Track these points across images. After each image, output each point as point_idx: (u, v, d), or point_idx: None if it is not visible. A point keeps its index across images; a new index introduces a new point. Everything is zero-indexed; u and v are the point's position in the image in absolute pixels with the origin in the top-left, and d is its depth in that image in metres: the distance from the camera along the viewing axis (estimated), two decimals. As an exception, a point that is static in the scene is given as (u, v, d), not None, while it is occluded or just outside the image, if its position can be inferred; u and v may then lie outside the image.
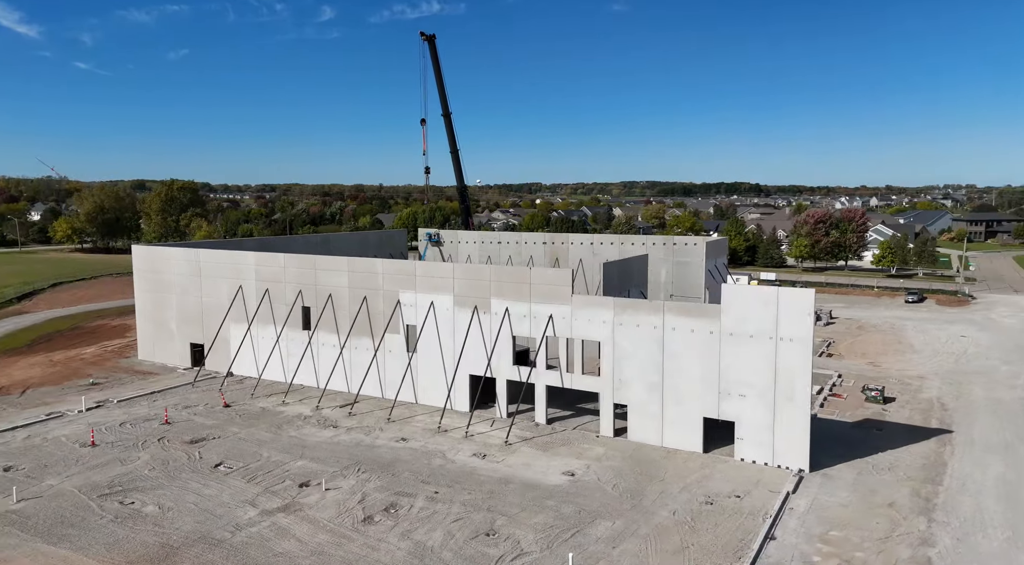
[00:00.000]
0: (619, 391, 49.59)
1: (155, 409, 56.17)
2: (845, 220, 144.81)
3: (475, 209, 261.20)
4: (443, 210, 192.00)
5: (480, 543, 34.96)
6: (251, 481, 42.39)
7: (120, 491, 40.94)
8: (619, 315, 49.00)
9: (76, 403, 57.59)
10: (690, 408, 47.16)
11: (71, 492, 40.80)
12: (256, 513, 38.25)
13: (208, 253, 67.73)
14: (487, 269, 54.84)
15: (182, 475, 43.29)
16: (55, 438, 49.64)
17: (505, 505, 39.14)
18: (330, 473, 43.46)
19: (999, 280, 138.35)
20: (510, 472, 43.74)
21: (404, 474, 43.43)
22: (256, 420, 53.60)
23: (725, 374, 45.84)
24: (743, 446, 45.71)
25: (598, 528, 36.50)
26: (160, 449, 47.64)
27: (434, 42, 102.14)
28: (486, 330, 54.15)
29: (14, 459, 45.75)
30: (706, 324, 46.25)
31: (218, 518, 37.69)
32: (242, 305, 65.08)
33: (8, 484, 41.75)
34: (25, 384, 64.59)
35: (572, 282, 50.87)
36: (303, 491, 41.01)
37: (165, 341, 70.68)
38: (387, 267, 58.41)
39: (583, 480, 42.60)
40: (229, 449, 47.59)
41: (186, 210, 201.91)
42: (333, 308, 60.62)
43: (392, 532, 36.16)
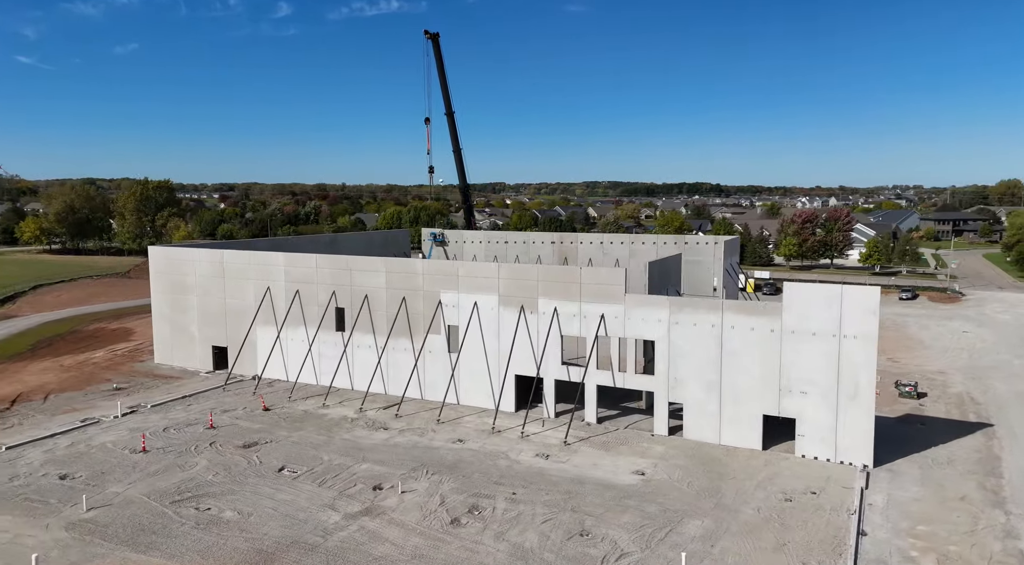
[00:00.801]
0: (674, 390, 49.84)
1: (192, 413, 54.92)
2: (831, 220, 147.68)
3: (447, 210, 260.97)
4: (428, 210, 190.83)
5: (577, 544, 34.85)
6: (322, 485, 41.67)
7: (191, 497, 39.94)
8: (675, 314, 49.25)
9: (107, 408, 56.07)
10: (749, 406, 47.58)
11: (140, 499, 39.70)
12: (340, 517, 37.63)
13: (233, 254, 66.42)
14: (534, 269, 54.70)
15: (248, 480, 42.38)
16: (100, 444, 48.24)
17: (587, 505, 39.06)
18: (399, 475, 42.92)
19: (979, 277, 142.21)
20: (580, 472, 43.67)
21: (474, 475, 43.10)
22: (301, 423, 52.72)
23: (786, 372, 46.35)
24: (804, 443, 46.28)
25: (688, 527, 36.64)
26: (216, 454, 46.60)
27: (438, 41, 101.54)
28: (533, 330, 53.99)
29: (66, 467, 44.35)
30: (766, 322, 46.72)
31: (303, 523, 37.00)
32: (270, 307, 63.93)
33: (69, 492, 40.51)
34: (44, 390, 62.65)
35: (625, 282, 50.97)
36: (379, 494, 40.46)
37: (184, 344, 69.10)
38: (428, 267, 57.91)
39: (655, 479, 42.72)
40: (287, 453, 46.73)
41: (161, 210, 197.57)
42: (369, 309, 59.89)
43: (484, 534, 35.86)
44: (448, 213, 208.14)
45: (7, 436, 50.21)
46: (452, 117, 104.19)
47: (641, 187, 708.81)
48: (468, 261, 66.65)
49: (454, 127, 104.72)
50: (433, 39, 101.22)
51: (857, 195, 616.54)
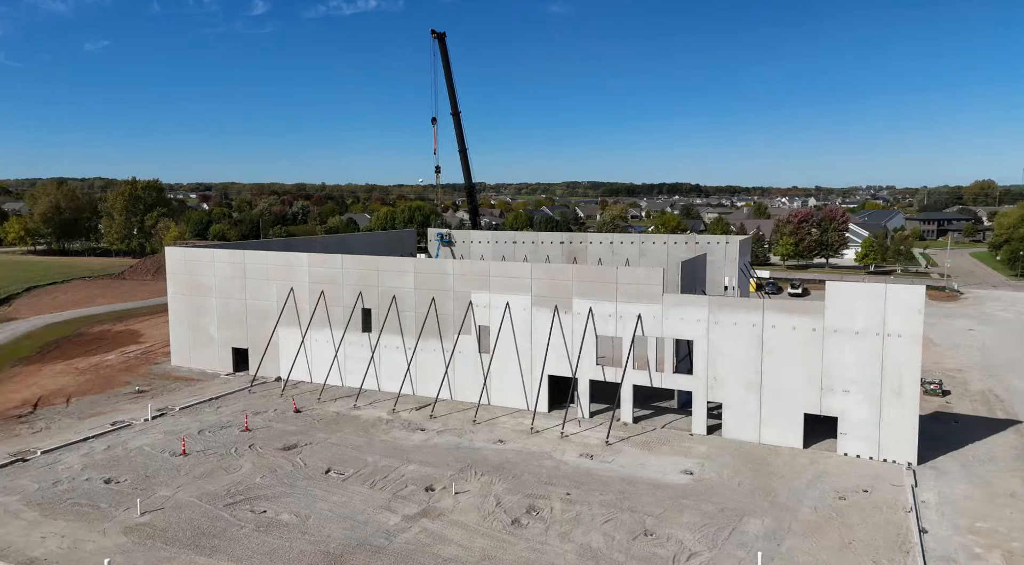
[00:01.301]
0: (713, 389, 50.02)
1: (223, 416, 54.29)
2: (826, 219, 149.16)
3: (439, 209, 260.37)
4: (422, 210, 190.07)
5: (644, 544, 34.86)
6: (373, 487, 41.36)
7: (243, 500, 39.47)
8: (715, 313, 49.44)
9: (134, 411, 55.31)
10: (790, 405, 47.87)
11: (192, 502, 39.16)
12: (399, 519, 37.36)
13: (254, 254, 65.74)
14: (568, 269, 54.66)
15: (297, 482, 41.95)
16: (137, 448, 47.54)
17: (644, 505, 39.09)
18: (449, 477, 42.71)
19: (971, 275, 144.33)
20: (628, 472, 43.69)
21: (524, 476, 42.98)
22: (337, 425, 52.30)
23: (828, 370, 46.68)
24: (846, 441, 46.62)
25: (750, 526, 36.77)
26: (257, 456, 46.09)
27: (444, 40, 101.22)
28: (567, 330, 53.95)
29: (108, 470, 43.65)
30: (809, 321, 47.03)
31: (364, 525, 36.68)
32: (293, 308, 63.36)
33: (118, 496, 39.88)
34: (63, 393, 61.64)
35: (664, 281, 51.09)
36: (432, 495, 40.23)
37: (203, 346, 68.28)
38: (458, 268, 57.68)
39: (705, 478, 42.85)
40: (329, 455, 46.32)
41: (150, 210, 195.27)
42: (397, 310, 59.54)
43: (548, 534, 35.77)
44: (441, 213, 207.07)
45: (38, 440, 49.34)
46: (458, 117, 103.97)
47: (622, 187, 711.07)
48: (500, 261, 66.35)
49: (460, 127, 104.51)
50: (440, 38, 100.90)
51: (833, 195, 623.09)
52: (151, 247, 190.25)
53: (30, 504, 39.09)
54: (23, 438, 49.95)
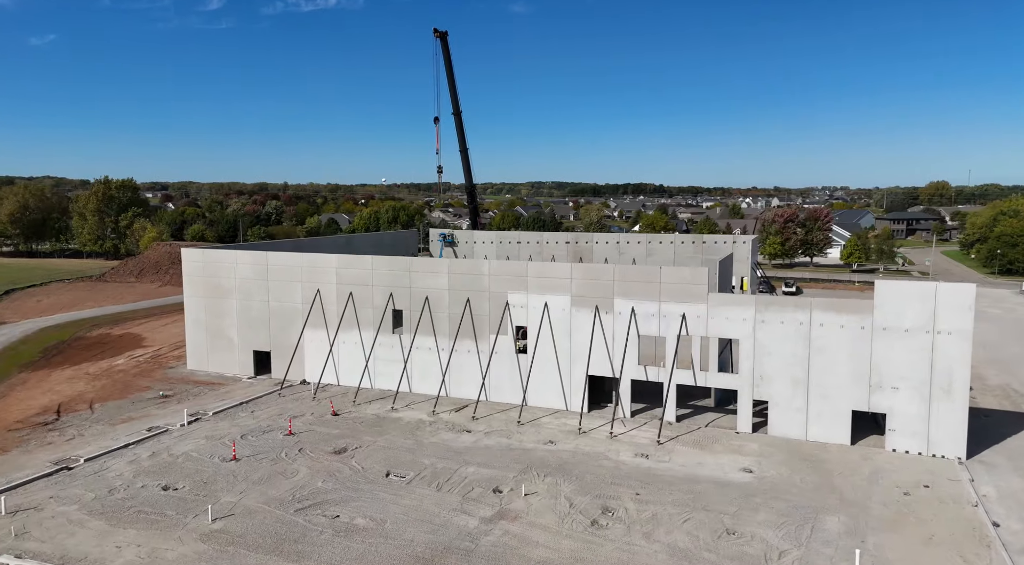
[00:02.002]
0: (759, 387, 50.51)
1: (261, 420, 53.32)
2: (811, 219, 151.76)
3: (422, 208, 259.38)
4: (406, 210, 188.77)
5: (730, 543, 35.02)
6: (439, 490, 40.95)
7: (312, 505, 38.78)
8: (761, 313, 49.93)
9: (164, 417, 54.08)
10: (837, 402, 48.53)
11: (260, 508, 38.38)
12: (477, 521, 37.03)
13: (278, 256, 64.68)
14: (610, 269, 54.71)
15: (361, 486, 41.36)
16: (183, 454, 46.44)
17: (716, 504, 39.29)
18: (511, 478, 42.49)
19: (949, 274, 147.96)
20: (688, 471, 43.89)
21: (587, 477, 42.90)
22: (380, 427, 51.69)
23: (877, 368, 47.42)
24: (895, 437, 47.41)
25: (828, 523, 37.15)
26: (311, 460, 45.33)
27: (446, 39, 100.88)
28: (608, 330, 54.03)
29: (161, 477, 42.57)
30: (857, 319, 47.73)
31: (443, 528, 36.30)
32: (320, 310, 62.46)
33: (181, 503, 38.92)
34: (83, 399, 59.99)
35: (709, 281, 51.45)
36: (502, 497, 39.96)
37: (222, 349, 66.94)
38: (494, 268, 57.39)
39: (766, 476, 43.23)
40: (383, 458, 45.75)
41: (125, 210, 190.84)
42: (430, 311, 59.03)
43: (631, 535, 35.75)
44: (427, 214, 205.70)
45: (75, 447, 47.95)
46: (459, 117, 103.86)
47: (587, 187, 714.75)
48: (540, 262, 66.12)
49: (461, 127, 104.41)
50: (442, 38, 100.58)
51: (792, 195, 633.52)
52: (126, 248, 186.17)
53: (92, 513, 37.96)
54: (58, 446, 48.48)
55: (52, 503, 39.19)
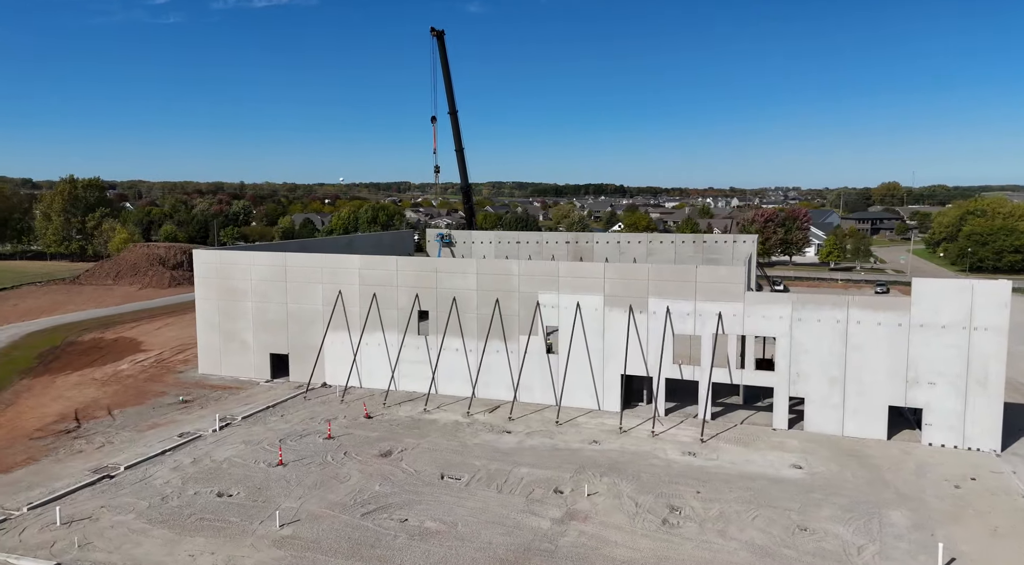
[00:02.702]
0: (795, 384, 51.22)
1: (293, 424, 52.41)
2: (790, 219, 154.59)
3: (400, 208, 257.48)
4: (386, 210, 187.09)
5: (805, 539, 35.42)
6: (500, 491, 40.73)
7: (376, 509, 38.26)
8: (798, 311, 50.65)
9: (191, 422, 52.88)
10: (874, 398, 49.46)
11: (324, 513, 37.75)
12: (548, 523, 36.91)
13: (298, 257, 63.63)
14: (644, 268, 54.97)
15: (419, 489, 40.92)
16: (226, 459, 45.44)
17: (777, 500, 39.73)
18: (568, 479, 42.44)
19: (920, 271, 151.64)
20: (740, 469, 44.30)
21: (643, 476, 43.04)
22: (419, 430, 51.20)
23: (914, 364, 48.46)
24: (931, 431, 48.48)
25: (893, 517, 37.80)
26: (360, 464, 44.70)
27: (443, 38, 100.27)
28: (642, 329, 54.28)
29: (211, 484, 41.59)
30: (894, 317, 48.72)
31: (517, 529, 36.11)
32: (342, 311, 61.62)
33: (241, 510, 38.09)
34: (98, 405, 58.31)
35: (745, 280, 52.02)
36: (565, 498, 39.87)
37: (236, 352, 65.59)
38: (525, 268, 57.24)
39: (817, 472, 43.86)
40: (433, 460, 45.32)
41: (92, 210, 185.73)
42: (457, 311, 58.65)
43: (706, 533, 35.96)
44: (405, 214, 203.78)
45: (107, 455, 46.59)
46: (455, 116, 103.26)
47: (549, 188, 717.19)
48: (568, 262, 66.00)
49: (457, 126, 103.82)
50: (439, 36, 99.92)
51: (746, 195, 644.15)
52: (94, 249, 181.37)
53: (152, 521, 36.93)
54: (89, 454, 47.05)
55: (105, 513, 38.02)
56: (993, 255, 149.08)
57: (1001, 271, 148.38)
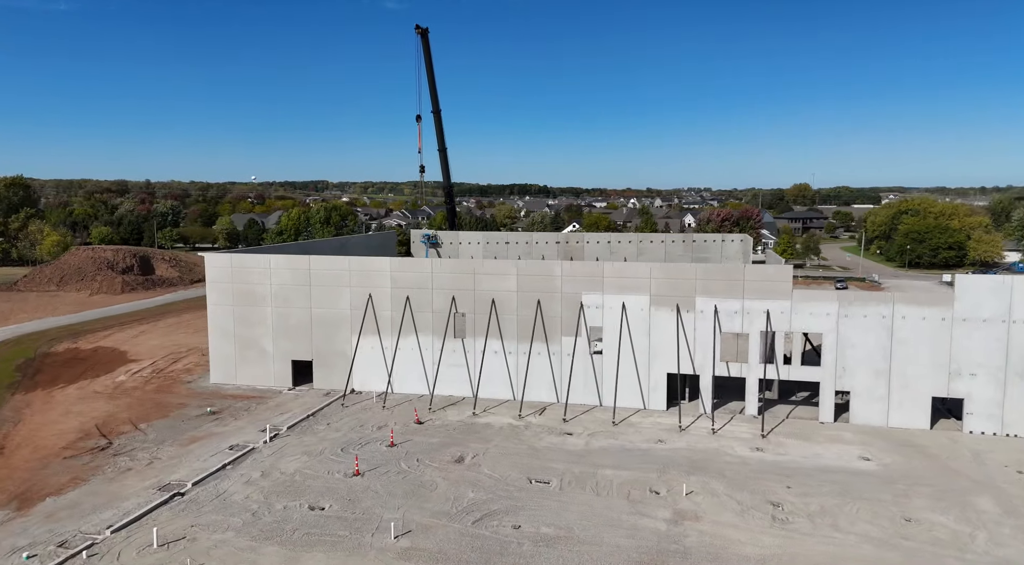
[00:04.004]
0: (841, 379, 52.83)
1: (345, 433, 50.80)
2: (744, 218, 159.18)
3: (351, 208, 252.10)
4: (339, 210, 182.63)
5: (915, 529, 36.53)
6: (598, 494, 40.53)
7: (484, 516, 37.50)
8: (844, 307, 52.26)
9: (233, 434, 50.75)
10: (918, 389, 51.50)
11: (433, 522, 36.81)
12: (664, 524, 36.97)
13: (322, 260, 61.61)
14: (692, 268, 55.59)
15: (513, 494, 40.31)
16: (296, 471, 43.69)
17: (868, 492, 40.82)
18: (656, 479, 42.59)
19: (863, 268, 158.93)
20: (814, 463, 45.36)
21: (727, 473, 43.54)
22: (478, 434, 50.42)
23: (956, 356, 50.70)
24: (972, 420, 50.82)
25: (981, 504, 39.33)
26: (438, 471, 43.70)
27: (427, 36, 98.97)
28: (689, 328, 54.94)
29: (295, 496, 39.97)
30: (938, 311, 50.84)
31: (637, 531, 36.03)
32: (372, 315, 60.05)
33: (342, 523, 36.77)
34: (118, 420, 55.13)
35: (792, 278, 53.34)
36: (664, 497, 39.99)
37: (253, 360, 63.03)
38: (568, 269, 57.08)
39: (886, 463, 45.34)
40: (511, 464, 44.69)
41: (16, 211, 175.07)
42: (496, 313, 58.02)
43: (819, 527, 36.69)
44: (358, 215, 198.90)
45: (160, 471, 44.17)
46: (439, 115, 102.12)
47: (474, 188, 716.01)
48: (615, 261, 65.82)
49: (440, 125, 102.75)
50: (423, 34, 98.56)
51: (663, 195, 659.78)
52: (19, 253, 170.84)
53: (256, 538, 35.20)
54: (139, 471, 44.45)
55: (199, 532, 36.00)
56: (929, 252, 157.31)
57: (937, 267, 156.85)
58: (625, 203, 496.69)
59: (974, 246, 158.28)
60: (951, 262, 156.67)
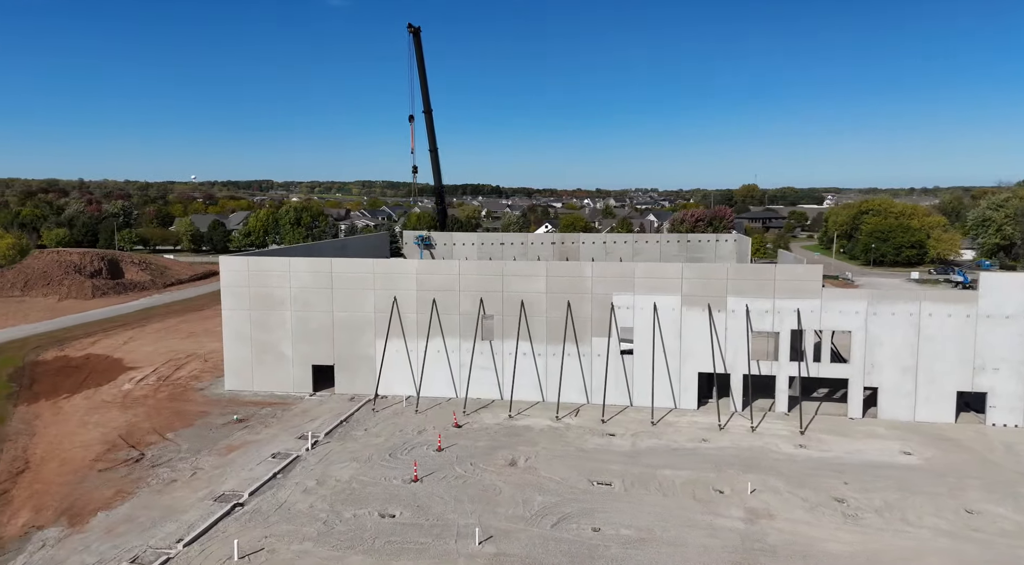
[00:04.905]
0: (869, 375, 54.12)
1: (387, 438, 50.05)
2: (716, 219, 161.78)
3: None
4: (310, 210, 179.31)
5: (981, 520, 37.66)
6: (664, 495, 40.75)
7: (559, 520, 37.38)
8: (873, 305, 53.55)
9: (269, 443, 49.63)
10: (943, 384, 53.07)
11: (511, 527, 36.63)
12: (740, 523, 37.35)
13: (344, 262, 60.54)
14: (723, 268, 56.26)
15: (580, 497, 40.26)
16: (352, 478, 42.93)
17: (923, 486, 41.84)
18: (715, 478, 43.01)
19: (830, 266, 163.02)
20: (860, 458, 46.30)
21: (781, 471, 44.19)
22: (522, 436, 50.21)
23: (980, 352, 52.41)
24: (995, 413, 52.60)
25: (1031, 493, 40.92)
26: (496, 475, 43.41)
27: (419, 35, 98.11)
28: (720, 328, 55.62)
29: (361, 505, 39.27)
30: (963, 308, 52.46)
31: (717, 531, 36.37)
32: (397, 318, 59.29)
33: (420, 529, 36.23)
34: (141, 430, 53.36)
35: (822, 277, 54.42)
36: (729, 497, 40.40)
37: (270, 365, 61.61)
38: (599, 270, 57.19)
39: (929, 457, 46.60)
40: (566, 467, 44.62)
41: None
42: (525, 315, 57.84)
43: (890, 522, 37.53)
44: (327, 216, 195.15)
45: (209, 483, 42.91)
46: (430, 115, 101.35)
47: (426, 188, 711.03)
48: (646, 262, 65.98)
49: (431, 125, 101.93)
50: (415, 33, 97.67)
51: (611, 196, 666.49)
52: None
53: (338, 548, 34.51)
54: (186, 482, 43.13)
55: (275, 542, 35.14)
56: (893, 251, 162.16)
57: (900, 265, 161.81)
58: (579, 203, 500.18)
59: (934, 244, 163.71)
60: (913, 260, 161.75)
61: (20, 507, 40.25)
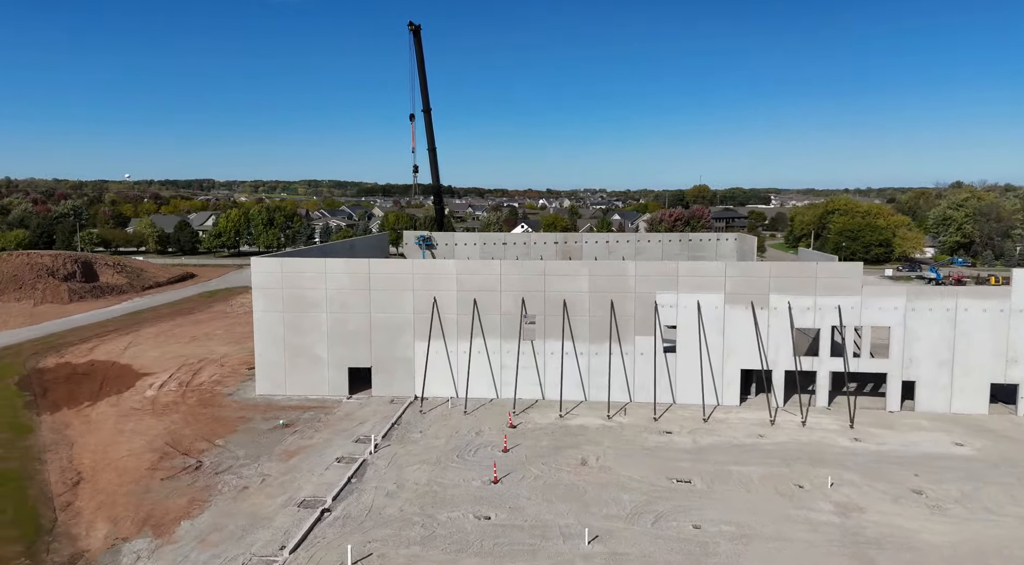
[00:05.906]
0: (907, 369, 55.72)
1: (447, 440, 49.65)
2: (695, 219, 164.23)
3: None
4: (283, 209, 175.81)
5: (1052, 505, 39.25)
6: (748, 491, 41.33)
7: (657, 518, 37.67)
8: (912, 302, 55.15)
9: (328, 447, 48.91)
10: (978, 377, 54.96)
11: (611, 526, 36.70)
12: (835, 517, 38.09)
13: (382, 263, 59.84)
14: (766, 266, 57.26)
15: (667, 495, 40.62)
16: (431, 481, 42.60)
17: (988, 475, 43.24)
18: (787, 473, 43.77)
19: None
20: (917, 450, 47.63)
21: (848, 464, 45.15)
22: (583, 436, 50.35)
23: (1013, 344, 54.44)
24: (1026, 404, 54.87)
25: (1092, 480, 42.69)
26: (571, 474, 43.49)
27: (419, 34, 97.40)
28: (762, 325, 56.59)
29: (452, 507, 38.97)
30: (997, 303, 54.42)
31: (816, 526, 37.06)
32: (437, 319, 58.81)
33: (521, 531, 36.20)
34: (186, 437, 51.95)
35: (862, 274, 55.82)
36: (811, 493, 41.16)
37: (304, 369, 60.49)
38: (642, 269, 57.63)
39: (980, 448, 48.21)
40: (639, 465, 44.91)
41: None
42: (567, 315, 57.98)
43: (975, 512, 38.72)
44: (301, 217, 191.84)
45: (282, 490, 42.06)
46: (429, 114, 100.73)
47: (376, 188, 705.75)
48: (688, 261, 66.23)
49: (430, 125, 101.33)
50: (415, 31, 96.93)
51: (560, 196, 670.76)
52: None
53: (447, 552, 34.32)
54: (258, 489, 42.21)
55: (381, 547, 34.71)
56: (862, 248, 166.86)
57: (869, 262, 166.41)
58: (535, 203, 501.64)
59: (899, 242, 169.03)
60: (881, 258, 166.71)
61: (93, 519, 38.83)
